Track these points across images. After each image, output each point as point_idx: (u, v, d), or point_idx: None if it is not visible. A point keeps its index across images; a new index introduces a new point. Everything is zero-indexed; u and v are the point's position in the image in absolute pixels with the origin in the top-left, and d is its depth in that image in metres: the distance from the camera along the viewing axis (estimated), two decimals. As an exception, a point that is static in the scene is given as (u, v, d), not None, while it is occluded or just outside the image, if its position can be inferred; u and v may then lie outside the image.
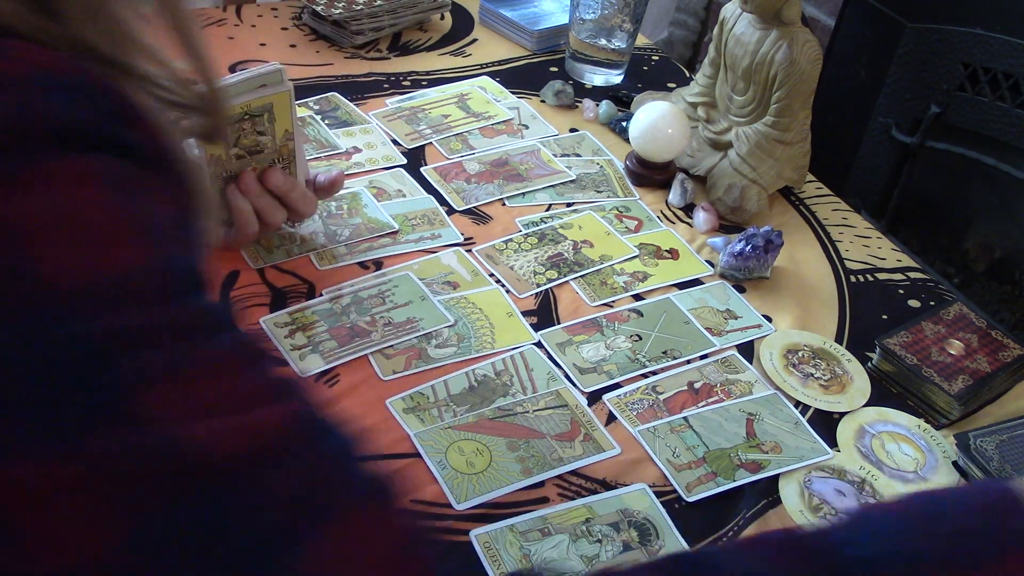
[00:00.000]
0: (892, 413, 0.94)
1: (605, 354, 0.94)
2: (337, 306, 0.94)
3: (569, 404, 0.87)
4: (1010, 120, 1.41)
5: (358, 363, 0.89)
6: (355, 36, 1.36)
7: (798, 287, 1.08)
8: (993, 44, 1.42)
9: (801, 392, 0.93)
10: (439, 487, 0.79)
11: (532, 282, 1.01)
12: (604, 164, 1.22)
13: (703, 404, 0.90)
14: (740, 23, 1.16)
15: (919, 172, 1.58)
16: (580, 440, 0.84)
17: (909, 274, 1.13)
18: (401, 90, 1.30)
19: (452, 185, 1.13)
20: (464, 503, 0.77)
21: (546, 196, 1.15)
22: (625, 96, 1.36)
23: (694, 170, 1.21)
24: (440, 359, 0.90)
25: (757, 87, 1.15)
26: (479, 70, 1.38)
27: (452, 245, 1.04)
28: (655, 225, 1.13)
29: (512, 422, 0.84)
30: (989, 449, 0.87)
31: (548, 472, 0.80)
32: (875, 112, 1.62)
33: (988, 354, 0.97)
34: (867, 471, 0.87)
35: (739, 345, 0.98)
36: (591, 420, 0.86)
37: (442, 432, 0.83)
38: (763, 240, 1.04)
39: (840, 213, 1.22)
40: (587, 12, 1.34)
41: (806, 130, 1.17)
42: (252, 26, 1.38)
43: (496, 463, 0.80)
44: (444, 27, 1.47)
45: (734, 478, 0.84)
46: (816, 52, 1.11)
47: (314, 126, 1.19)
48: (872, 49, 1.62)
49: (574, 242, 1.07)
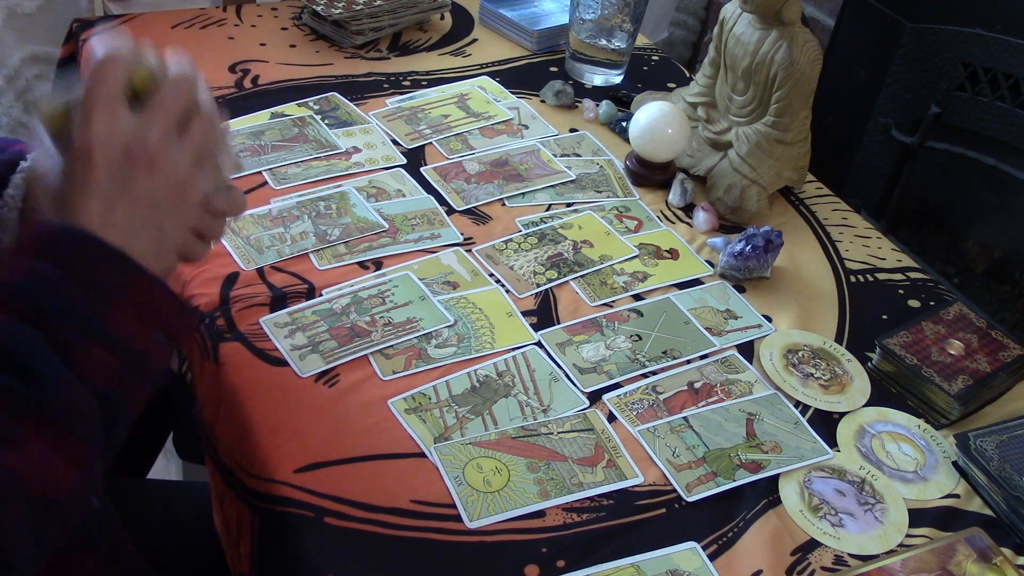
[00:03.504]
0: (892, 413, 0.94)
1: (605, 354, 0.94)
2: (337, 306, 0.94)
3: (595, 428, 0.86)
4: (1010, 120, 1.42)
5: (358, 363, 0.89)
6: (355, 36, 1.36)
7: (798, 287, 1.08)
8: (993, 44, 1.42)
9: (801, 392, 0.93)
10: (444, 486, 0.79)
11: (532, 282, 1.01)
12: (604, 164, 1.22)
13: (703, 404, 0.90)
14: (740, 23, 1.16)
15: (919, 172, 1.58)
16: (602, 466, 0.83)
17: (909, 274, 1.13)
18: (401, 90, 1.30)
19: (452, 185, 1.13)
20: (477, 521, 0.77)
21: (546, 196, 1.15)
22: (625, 96, 1.36)
23: (694, 170, 1.21)
24: (440, 359, 0.90)
25: (757, 87, 1.15)
26: (479, 70, 1.38)
27: (452, 245, 1.04)
28: (655, 225, 1.13)
29: (535, 443, 0.84)
30: (989, 449, 0.87)
31: (566, 496, 0.80)
32: (875, 112, 1.62)
33: (988, 354, 0.97)
34: (867, 471, 0.87)
35: (739, 345, 0.98)
36: (616, 446, 0.85)
37: (462, 448, 0.82)
38: (763, 240, 1.04)
39: (840, 213, 1.22)
40: (587, 12, 1.34)
41: (806, 130, 1.17)
42: (252, 26, 1.38)
43: (514, 483, 0.80)
44: (444, 27, 1.47)
45: (734, 478, 0.84)
46: (816, 52, 1.11)
47: (314, 126, 1.19)
48: (872, 49, 1.62)
49: (574, 242, 1.07)
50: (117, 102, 0.61)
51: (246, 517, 0.79)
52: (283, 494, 0.77)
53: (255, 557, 0.78)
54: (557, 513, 0.78)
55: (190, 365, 0.93)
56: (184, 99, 0.64)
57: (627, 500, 0.81)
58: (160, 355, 0.61)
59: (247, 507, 0.79)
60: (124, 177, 0.60)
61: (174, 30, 1.34)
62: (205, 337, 0.89)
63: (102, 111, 0.60)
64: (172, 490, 1.11)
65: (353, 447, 0.81)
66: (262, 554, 0.77)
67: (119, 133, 0.60)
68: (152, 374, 0.61)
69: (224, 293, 0.93)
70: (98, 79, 0.60)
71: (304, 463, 0.79)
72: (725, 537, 0.79)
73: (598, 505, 0.80)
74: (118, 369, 0.58)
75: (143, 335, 0.59)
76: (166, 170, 0.62)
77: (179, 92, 0.63)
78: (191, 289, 0.93)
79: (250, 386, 0.85)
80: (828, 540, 0.80)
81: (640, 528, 0.79)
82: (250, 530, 0.78)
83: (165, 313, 0.61)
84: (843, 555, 0.80)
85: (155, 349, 0.60)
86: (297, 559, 0.73)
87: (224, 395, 0.85)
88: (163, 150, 0.62)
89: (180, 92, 0.63)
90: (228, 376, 0.85)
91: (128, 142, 0.61)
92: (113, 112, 0.60)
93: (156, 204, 0.62)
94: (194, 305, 0.65)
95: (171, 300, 0.62)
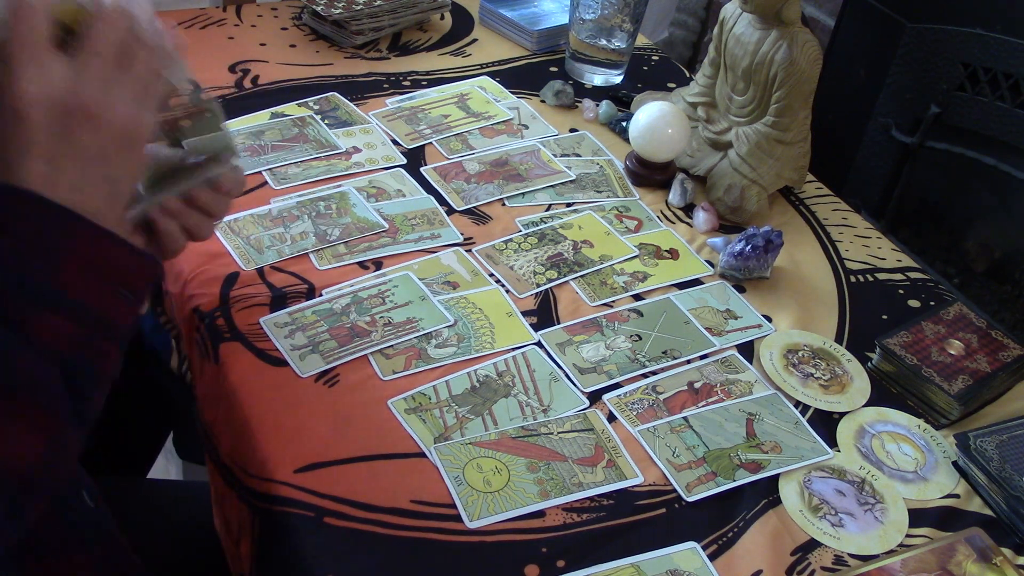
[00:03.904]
0: (892, 413, 0.94)
1: (605, 354, 0.94)
2: (337, 306, 0.94)
3: (595, 428, 0.86)
4: (1010, 120, 1.41)
5: (358, 363, 0.89)
6: (355, 36, 1.36)
7: (798, 287, 1.08)
8: (993, 44, 1.42)
9: (801, 392, 0.93)
10: (444, 486, 0.79)
11: (532, 282, 1.01)
12: (604, 164, 1.22)
13: (703, 404, 0.90)
14: (740, 23, 1.16)
15: (919, 172, 1.58)
16: (602, 466, 0.83)
17: (909, 274, 1.13)
18: (401, 90, 1.30)
19: (452, 185, 1.13)
20: (477, 521, 0.77)
21: (546, 196, 1.15)
22: (625, 96, 1.36)
23: (694, 170, 1.21)
24: (440, 359, 0.90)
25: (757, 87, 1.15)
26: (479, 70, 1.38)
27: (452, 245, 1.04)
28: (655, 225, 1.13)
29: (535, 443, 0.84)
30: (989, 449, 0.87)
31: (566, 496, 0.80)
32: (875, 112, 1.62)
33: (988, 354, 0.97)
34: (867, 471, 0.87)
35: (739, 345, 0.98)
36: (616, 446, 0.85)
37: (462, 448, 0.82)
38: (763, 240, 1.04)
39: (840, 213, 1.22)
40: (587, 12, 1.34)
41: (806, 130, 1.17)
42: (252, 26, 1.38)
43: (514, 483, 0.80)
44: (444, 27, 1.47)
45: (734, 478, 0.84)
46: (816, 52, 1.11)
47: (314, 126, 1.19)
48: (872, 49, 1.62)
49: (574, 242, 1.07)
50: (43, 50, 0.55)
51: (246, 517, 0.79)
52: (283, 494, 0.77)
53: (255, 557, 0.78)
54: (557, 513, 0.78)
55: (190, 365, 0.93)
56: (120, 34, 0.58)
57: (627, 500, 0.81)
58: (123, 311, 0.58)
59: (247, 507, 0.79)
60: (65, 133, 0.56)
61: (174, 30, 1.33)
62: (205, 337, 0.89)
63: (28, 63, 0.54)
64: (172, 490, 1.11)
65: (353, 447, 0.81)
66: (262, 554, 0.77)
67: (51, 86, 0.55)
68: (118, 332, 0.58)
69: (224, 293, 0.93)
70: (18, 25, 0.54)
71: (304, 463, 0.79)
72: (725, 537, 0.79)
73: (598, 505, 0.80)
74: (77, 333, 0.55)
75: (100, 292, 0.57)
76: (109, 120, 0.57)
77: (113, 27, 0.57)
78: (191, 289, 0.93)
79: (250, 386, 0.85)
80: (828, 540, 0.80)
81: (640, 528, 0.79)
82: (250, 530, 0.78)
83: (122, 265, 0.58)
84: (843, 555, 0.80)
85: (116, 305, 0.57)
86: (297, 559, 0.73)
87: (224, 395, 0.85)
88: (103, 98, 0.57)
89: (114, 26, 0.57)
90: (228, 376, 0.85)
91: (64, 96, 0.55)
92: (40, 62, 0.55)
93: (104, 156, 0.58)
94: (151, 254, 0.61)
95: (126, 252, 0.59)
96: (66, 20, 0.57)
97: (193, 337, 0.91)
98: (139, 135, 0.60)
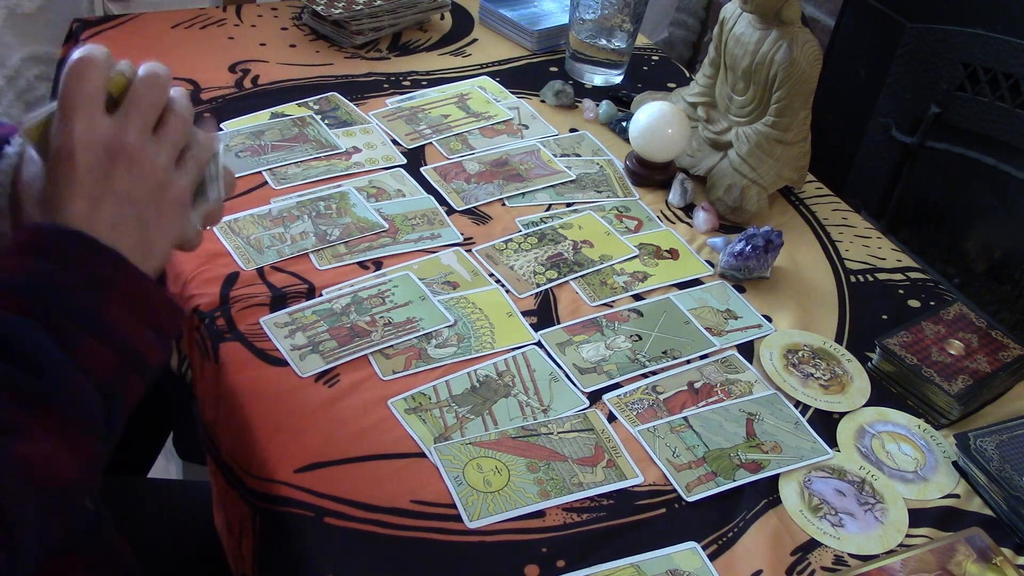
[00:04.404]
0: (892, 413, 0.94)
1: (605, 354, 0.94)
2: (337, 306, 0.94)
3: (595, 428, 0.86)
4: (1010, 120, 1.41)
5: (358, 363, 0.89)
6: (355, 36, 1.36)
7: (798, 287, 1.08)
8: (993, 44, 1.42)
9: (801, 392, 0.93)
10: (444, 486, 0.79)
11: (532, 282, 1.01)
12: (604, 164, 1.22)
13: (703, 404, 0.90)
14: (740, 23, 1.16)
15: (919, 172, 1.58)
16: (602, 466, 0.83)
17: (909, 274, 1.13)
18: (401, 90, 1.30)
19: (452, 185, 1.13)
20: (477, 521, 0.77)
21: (546, 196, 1.15)
22: (625, 96, 1.36)
23: (694, 170, 1.21)
24: (440, 359, 0.90)
25: (757, 87, 1.15)
26: (479, 70, 1.38)
27: (452, 245, 1.04)
28: (655, 225, 1.13)
29: (535, 443, 0.84)
30: (989, 449, 0.87)
31: (566, 496, 0.80)
32: (875, 112, 1.62)
33: (988, 354, 0.97)
34: (867, 471, 0.87)
35: (739, 345, 0.98)
36: (616, 446, 0.85)
37: (462, 448, 0.82)
38: (763, 240, 1.04)
39: (840, 213, 1.22)
40: (587, 12, 1.34)
41: (806, 130, 1.17)
42: (252, 26, 1.38)
43: (514, 483, 0.80)
44: (444, 27, 1.47)
45: (734, 478, 0.84)
46: (816, 52, 1.11)
47: (314, 126, 1.19)
48: (872, 49, 1.62)
49: (574, 242, 1.07)
50: (94, 104, 0.62)
51: (247, 517, 0.79)
52: (283, 494, 0.77)
53: (257, 557, 0.78)
54: (557, 513, 0.79)
55: (190, 365, 0.93)
56: (157, 98, 0.65)
57: (627, 500, 0.81)
58: (152, 352, 0.62)
59: (248, 507, 0.79)
60: (105, 176, 0.62)
61: (174, 30, 1.34)
62: (205, 337, 0.89)
63: (80, 113, 0.61)
64: (172, 490, 1.11)
65: (353, 447, 0.81)
66: (263, 554, 0.77)
67: (98, 133, 0.61)
68: (147, 371, 0.62)
69: (224, 293, 0.93)
70: (74, 81, 0.61)
71: (304, 463, 0.79)
72: (725, 537, 0.79)
73: (598, 505, 0.80)
74: (117, 364, 0.59)
75: (136, 331, 0.60)
76: (145, 168, 0.63)
77: (152, 91, 0.64)
78: (191, 289, 0.93)
79: (250, 386, 0.85)
80: (828, 540, 0.80)
81: (640, 528, 0.79)
82: (251, 530, 0.79)
83: (156, 310, 0.62)
84: (843, 555, 0.80)
85: (148, 345, 0.61)
86: (297, 559, 0.73)
87: (224, 395, 0.85)
88: (141, 149, 0.63)
89: (153, 91, 0.64)
90: (228, 376, 0.86)
91: (107, 142, 0.62)
92: (91, 113, 0.61)
93: (137, 202, 0.63)
94: (181, 306, 0.66)
95: (161, 297, 0.63)
96: (111, 88, 0.63)
97: (193, 337, 0.91)
98: (171, 191, 0.65)
